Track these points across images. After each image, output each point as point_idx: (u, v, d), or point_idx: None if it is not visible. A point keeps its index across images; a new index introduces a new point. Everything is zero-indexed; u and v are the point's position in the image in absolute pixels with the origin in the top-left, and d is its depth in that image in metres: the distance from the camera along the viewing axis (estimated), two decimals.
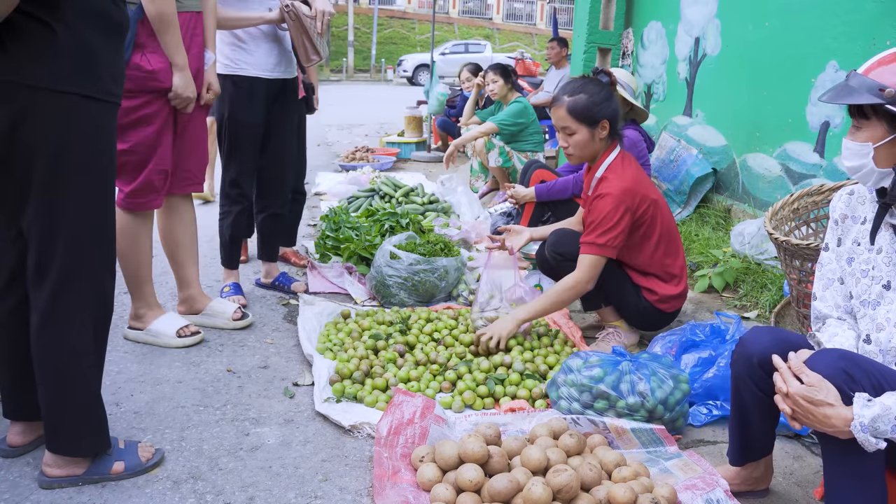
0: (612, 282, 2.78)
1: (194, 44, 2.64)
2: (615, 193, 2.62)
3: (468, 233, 4.37)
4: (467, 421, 2.27)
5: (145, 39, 2.44)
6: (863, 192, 1.75)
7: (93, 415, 1.86)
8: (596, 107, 2.64)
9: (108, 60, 1.75)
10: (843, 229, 1.77)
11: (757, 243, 3.45)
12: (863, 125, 1.58)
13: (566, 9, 24.66)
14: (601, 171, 2.72)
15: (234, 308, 3.00)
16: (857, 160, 1.60)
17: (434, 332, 2.86)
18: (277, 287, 3.45)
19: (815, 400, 1.46)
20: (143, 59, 2.44)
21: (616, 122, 2.71)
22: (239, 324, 2.98)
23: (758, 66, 4.13)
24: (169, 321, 2.79)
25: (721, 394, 2.35)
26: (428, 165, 7.46)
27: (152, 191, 2.62)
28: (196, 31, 2.65)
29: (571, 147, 2.72)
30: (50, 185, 1.69)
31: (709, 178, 4.49)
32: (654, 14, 5.32)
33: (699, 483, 1.85)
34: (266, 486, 1.91)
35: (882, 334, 1.62)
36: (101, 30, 1.71)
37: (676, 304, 2.84)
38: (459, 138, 5.47)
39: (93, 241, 1.78)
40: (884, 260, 1.65)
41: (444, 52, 23.77)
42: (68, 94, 1.66)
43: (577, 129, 2.67)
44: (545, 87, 7.93)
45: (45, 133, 1.66)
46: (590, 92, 2.65)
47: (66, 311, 1.75)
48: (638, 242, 2.74)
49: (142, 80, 2.45)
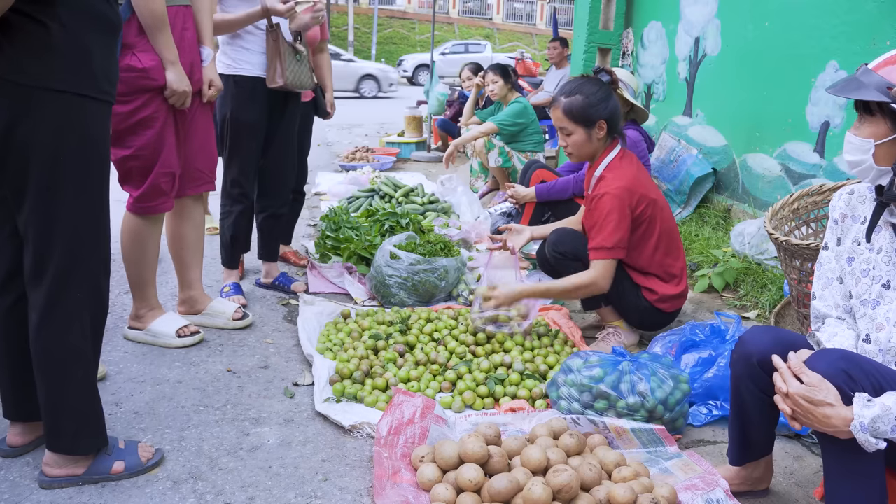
0: (612, 281, 2.78)
1: (184, 38, 2.58)
2: (613, 192, 2.63)
3: (468, 233, 4.37)
4: (467, 421, 2.27)
5: (133, 39, 2.41)
6: (863, 191, 1.75)
7: (91, 413, 1.86)
8: (592, 108, 2.65)
9: (103, 59, 1.75)
10: (842, 229, 1.77)
11: (757, 243, 3.45)
12: (867, 121, 1.59)
13: (566, 9, 24.64)
14: (600, 170, 2.73)
15: (235, 308, 3.00)
16: (858, 155, 1.60)
17: (434, 332, 2.86)
18: (277, 287, 3.45)
19: (815, 400, 1.46)
20: (133, 59, 2.41)
21: (615, 121, 2.71)
22: (239, 324, 2.97)
23: (758, 66, 4.13)
24: (169, 321, 2.78)
25: (721, 394, 2.35)
26: (428, 165, 7.46)
27: (161, 194, 2.60)
28: (186, 25, 2.60)
29: (570, 147, 2.74)
30: (46, 184, 1.69)
31: (709, 178, 4.49)
32: (654, 14, 5.32)
33: (699, 483, 1.85)
34: (266, 486, 1.91)
35: (882, 334, 1.62)
36: (96, 29, 1.72)
37: (676, 304, 2.84)
38: (459, 138, 5.47)
39: (89, 238, 1.78)
40: (883, 259, 1.65)
41: (444, 52, 23.77)
42: (64, 93, 1.67)
43: (573, 130, 2.69)
44: (545, 87, 7.93)
45: (41, 131, 1.66)
46: (586, 92, 2.66)
47: (65, 311, 1.76)
48: (637, 242, 2.74)
49: (134, 80, 2.42)
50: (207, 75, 2.68)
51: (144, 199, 2.58)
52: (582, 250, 2.78)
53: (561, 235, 2.89)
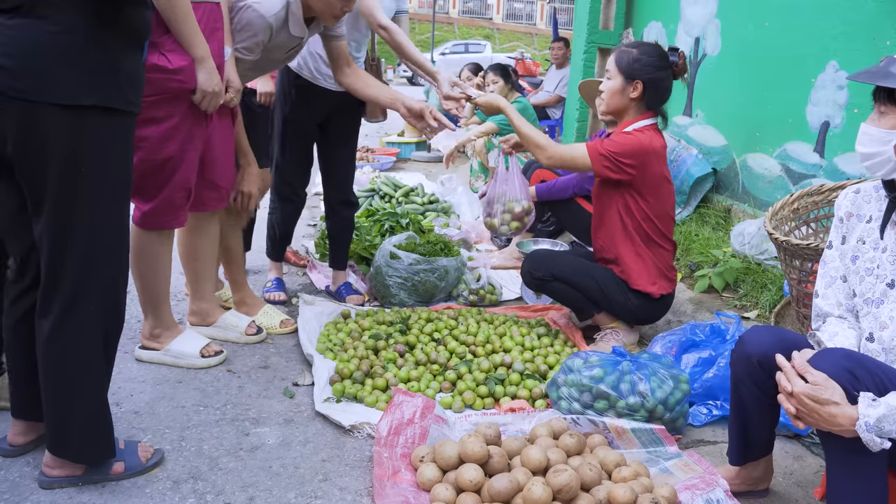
0: (593, 284, 2.81)
1: (214, 39, 2.36)
2: (642, 139, 2.68)
3: (468, 233, 4.38)
4: (467, 421, 2.27)
5: (159, 38, 2.19)
6: (869, 190, 1.74)
7: (99, 424, 1.84)
8: (638, 64, 2.69)
9: (130, 69, 1.71)
10: (847, 227, 1.77)
11: (757, 243, 3.44)
12: (889, 112, 1.56)
13: (566, 9, 24.61)
14: (630, 128, 2.74)
15: (249, 322, 2.89)
16: (876, 146, 1.57)
17: (434, 332, 2.86)
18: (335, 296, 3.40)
19: (820, 399, 1.46)
20: (160, 59, 2.20)
21: (653, 90, 2.72)
22: (253, 339, 2.86)
23: (758, 66, 4.13)
24: (190, 341, 2.62)
25: (721, 394, 2.35)
26: (428, 165, 7.46)
27: (175, 209, 2.42)
28: (217, 25, 2.38)
29: (605, 92, 2.78)
30: (64, 194, 1.66)
31: (709, 178, 4.49)
32: (654, 14, 5.32)
33: (699, 483, 1.85)
34: (266, 486, 1.91)
35: (886, 332, 1.62)
36: (121, 35, 1.68)
37: (665, 286, 2.82)
38: None
39: (106, 250, 1.76)
40: (888, 258, 1.65)
41: (444, 52, 23.81)
42: (92, 108, 1.64)
43: (614, 76, 2.74)
44: (545, 87, 7.93)
45: (63, 144, 1.63)
46: (643, 52, 2.71)
47: (78, 325, 1.73)
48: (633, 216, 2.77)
49: (162, 82, 2.21)
50: (226, 75, 2.46)
51: (156, 214, 2.40)
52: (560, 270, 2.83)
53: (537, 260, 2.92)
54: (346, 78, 2.89)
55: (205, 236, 2.72)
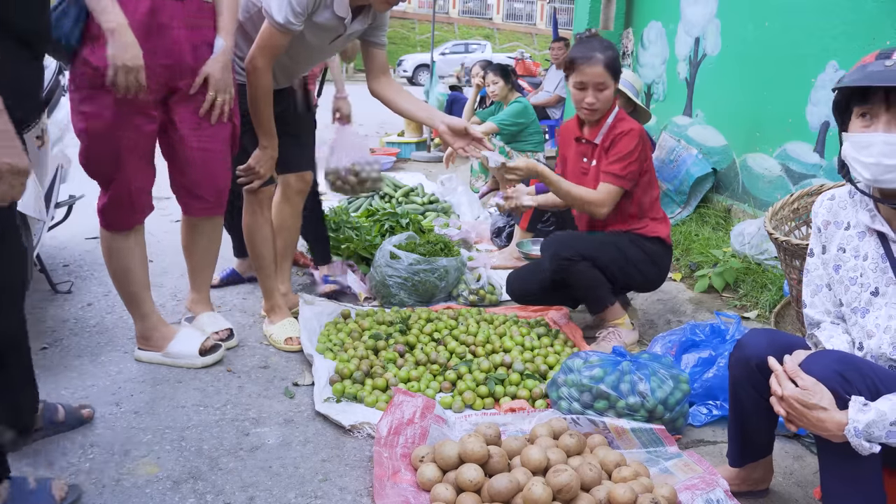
0: (615, 253, 2.79)
1: (196, 35, 2.30)
2: (637, 130, 2.75)
3: (468, 233, 4.38)
4: (467, 421, 2.27)
5: (98, 30, 2.09)
6: (844, 196, 1.72)
7: None
8: (618, 60, 2.76)
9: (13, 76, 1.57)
10: (826, 236, 1.75)
11: (757, 243, 3.45)
12: None
13: (566, 9, 24.60)
14: (611, 119, 2.79)
15: (224, 327, 2.78)
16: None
17: (434, 332, 2.86)
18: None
19: (808, 403, 1.46)
20: (91, 54, 2.12)
21: None
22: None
23: (758, 66, 4.13)
24: (187, 340, 2.58)
25: (721, 394, 2.35)
26: (428, 165, 7.46)
27: (121, 208, 2.37)
28: (203, 24, 2.32)
29: (600, 102, 2.75)
30: None
31: (709, 178, 4.49)
32: (654, 14, 5.32)
33: (699, 483, 1.85)
34: (266, 486, 1.91)
35: (872, 341, 1.61)
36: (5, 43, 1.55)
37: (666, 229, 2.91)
38: None
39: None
40: (870, 266, 1.63)
41: (443, 52, 23.76)
42: None
43: (609, 85, 2.73)
44: (545, 87, 7.93)
45: None
46: (610, 46, 2.75)
47: None
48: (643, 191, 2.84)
49: (90, 77, 2.15)
50: (207, 68, 2.33)
51: (108, 213, 2.38)
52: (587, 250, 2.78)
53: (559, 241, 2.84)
54: (381, 88, 2.78)
55: (201, 234, 2.72)
